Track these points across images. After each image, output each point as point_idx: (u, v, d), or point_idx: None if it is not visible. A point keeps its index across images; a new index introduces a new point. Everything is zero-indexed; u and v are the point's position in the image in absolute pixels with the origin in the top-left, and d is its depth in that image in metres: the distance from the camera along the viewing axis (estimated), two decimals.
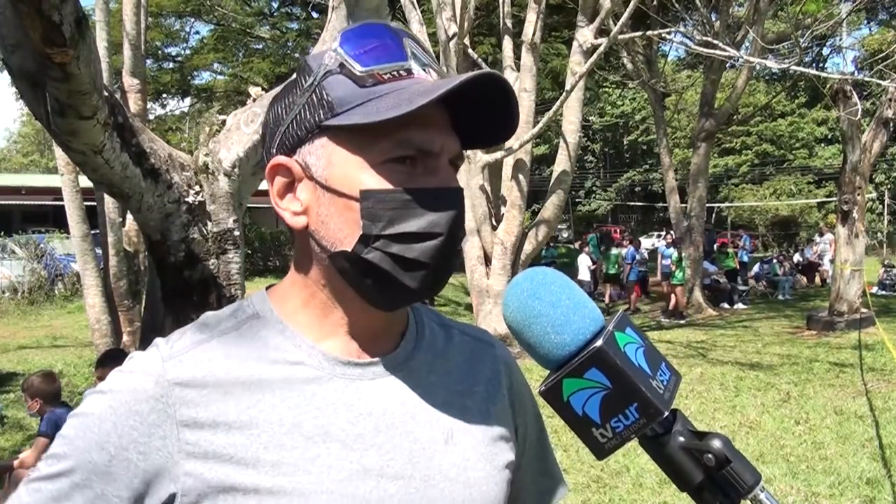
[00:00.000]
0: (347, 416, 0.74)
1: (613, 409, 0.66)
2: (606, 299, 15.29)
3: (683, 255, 13.60)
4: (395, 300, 0.76)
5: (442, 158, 0.73)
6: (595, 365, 0.66)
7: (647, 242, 24.19)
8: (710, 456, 0.66)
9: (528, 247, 10.02)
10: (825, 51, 24.72)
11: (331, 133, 0.72)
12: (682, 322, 12.72)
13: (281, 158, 0.75)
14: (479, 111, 0.74)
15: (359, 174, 0.71)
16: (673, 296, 13.27)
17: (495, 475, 0.80)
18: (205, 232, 3.09)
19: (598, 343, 0.66)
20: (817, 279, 18.68)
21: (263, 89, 3.53)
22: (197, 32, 46.49)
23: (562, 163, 10.03)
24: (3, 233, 16.60)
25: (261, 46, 20.05)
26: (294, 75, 0.77)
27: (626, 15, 8.39)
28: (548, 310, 0.70)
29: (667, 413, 0.67)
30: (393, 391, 0.77)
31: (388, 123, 0.68)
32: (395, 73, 0.72)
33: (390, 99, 0.69)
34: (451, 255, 0.74)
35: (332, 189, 0.72)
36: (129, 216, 7.43)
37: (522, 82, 9.81)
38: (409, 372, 0.79)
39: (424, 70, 0.74)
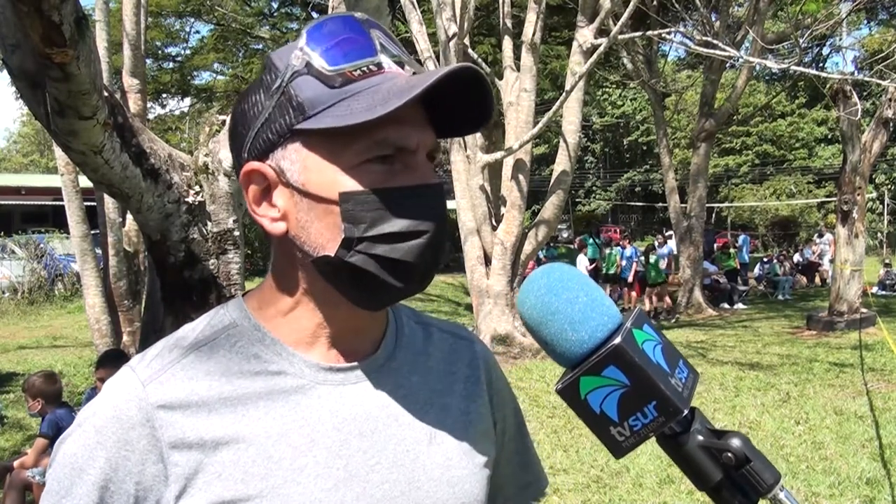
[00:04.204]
0: (333, 422, 0.73)
1: (632, 407, 0.65)
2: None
3: (682, 255, 13.64)
4: (383, 300, 0.75)
5: (419, 154, 0.72)
6: (613, 362, 0.65)
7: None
8: (729, 455, 0.65)
9: (528, 247, 10.02)
10: (825, 51, 24.74)
11: (304, 137, 0.70)
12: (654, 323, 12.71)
13: (254, 164, 0.72)
14: (454, 101, 0.73)
15: (336, 177, 0.69)
16: (664, 296, 13.41)
17: (477, 473, 0.80)
18: (205, 232, 3.08)
19: (617, 340, 0.65)
20: (817, 279, 18.71)
21: None
22: (197, 32, 46.55)
23: (562, 163, 10.03)
24: (3, 233, 16.58)
25: (261, 46, 20.01)
26: (261, 74, 0.74)
27: (626, 15, 8.39)
28: (565, 307, 0.69)
29: (686, 411, 0.66)
30: (375, 394, 0.77)
31: (360, 124, 0.66)
32: (365, 69, 0.69)
33: (363, 99, 0.67)
34: (438, 251, 0.72)
35: (309, 194, 0.70)
36: (129, 216, 7.42)
37: (522, 82, 9.81)
38: (390, 373, 0.79)
39: (395, 62, 0.72)
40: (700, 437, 0.67)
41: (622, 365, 0.65)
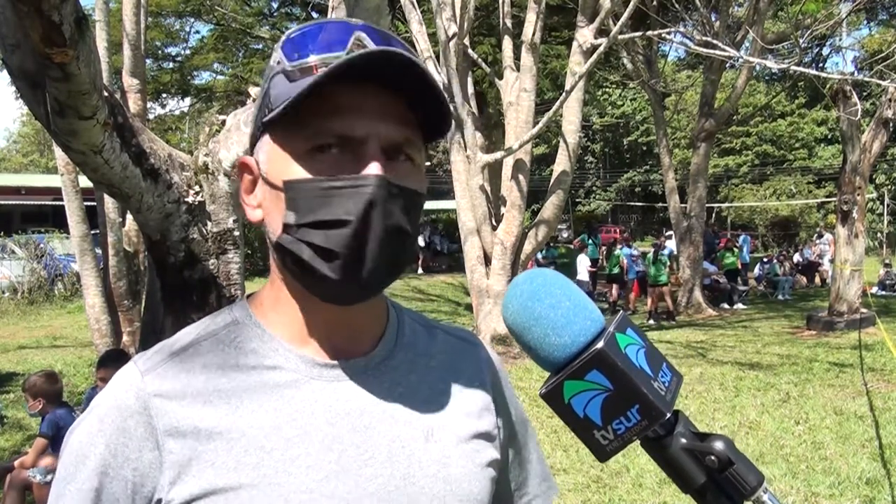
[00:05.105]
0: (326, 416, 0.74)
1: (615, 411, 0.66)
2: (612, 298, 15.28)
3: (682, 255, 13.62)
4: (328, 292, 0.74)
5: (369, 145, 0.71)
6: (596, 367, 0.66)
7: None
8: (712, 458, 0.65)
9: (528, 247, 10.02)
10: (825, 51, 24.74)
11: (270, 129, 0.75)
12: (652, 323, 12.72)
13: (245, 158, 0.80)
14: (429, 101, 0.73)
15: (286, 166, 0.73)
16: (664, 296, 13.38)
17: (477, 472, 0.80)
18: (205, 232, 3.08)
19: (600, 345, 0.66)
20: (817, 279, 18.71)
21: None
22: (197, 32, 46.54)
23: (562, 163, 10.03)
24: (3, 233, 16.57)
25: (261, 46, 20.01)
26: None
27: (626, 15, 8.39)
28: (548, 312, 0.69)
29: (669, 414, 0.66)
30: (371, 391, 0.78)
31: (308, 114, 0.70)
32: (326, 63, 0.70)
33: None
34: (368, 244, 0.70)
35: (268, 182, 0.75)
36: (129, 216, 7.43)
37: (522, 82, 9.81)
38: (387, 371, 0.80)
39: None
40: (683, 440, 0.67)
41: (605, 369, 0.66)
